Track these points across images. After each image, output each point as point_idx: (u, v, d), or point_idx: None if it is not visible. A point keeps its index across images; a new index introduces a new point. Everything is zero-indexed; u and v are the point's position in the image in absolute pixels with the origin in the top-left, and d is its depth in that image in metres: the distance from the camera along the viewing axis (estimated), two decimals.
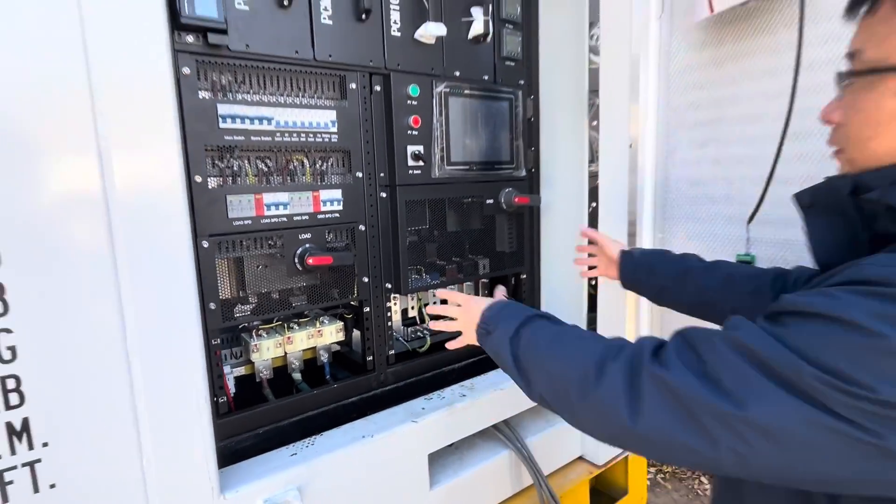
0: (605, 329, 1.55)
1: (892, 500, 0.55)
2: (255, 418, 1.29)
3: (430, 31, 1.42)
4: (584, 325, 1.64)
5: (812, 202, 0.68)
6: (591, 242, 1.42)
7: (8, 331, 0.79)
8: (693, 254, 1.16)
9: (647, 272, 1.21)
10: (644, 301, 1.42)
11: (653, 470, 3.33)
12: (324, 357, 1.47)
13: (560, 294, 1.79)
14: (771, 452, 0.54)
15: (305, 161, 1.32)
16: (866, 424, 0.50)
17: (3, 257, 0.78)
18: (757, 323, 0.60)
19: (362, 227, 1.41)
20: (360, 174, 1.39)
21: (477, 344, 0.99)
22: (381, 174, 1.43)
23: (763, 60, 1.09)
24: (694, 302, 1.13)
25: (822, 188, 0.68)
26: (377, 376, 1.51)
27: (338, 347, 1.53)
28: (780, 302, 0.59)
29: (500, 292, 1.23)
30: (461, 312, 1.03)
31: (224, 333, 1.38)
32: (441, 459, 1.50)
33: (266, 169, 1.27)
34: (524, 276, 1.83)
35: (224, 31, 1.12)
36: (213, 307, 1.17)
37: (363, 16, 1.33)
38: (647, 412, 0.62)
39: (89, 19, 0.83)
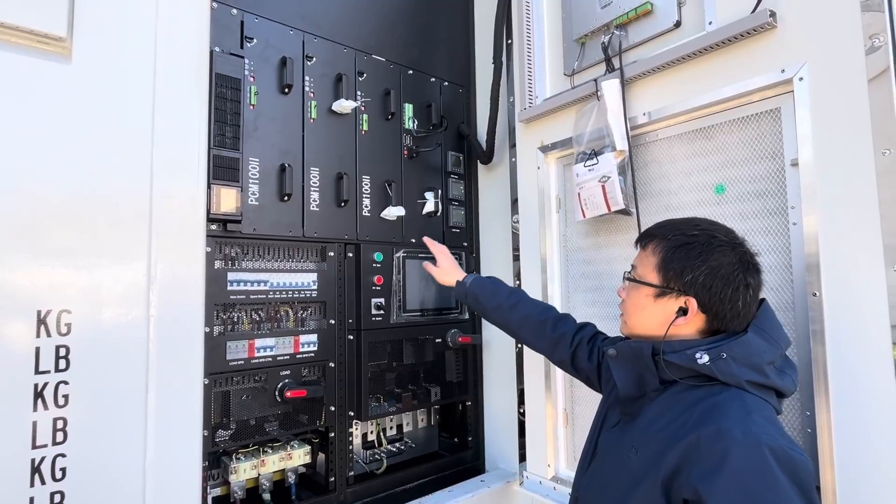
0: (532, 451, 1.84)
1: None
2: None
3: (393, 212, 1.89)
4: (515, 448, 1.93)
5: (617, 355, 1.06)
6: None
7: (63, 455, 1.05)
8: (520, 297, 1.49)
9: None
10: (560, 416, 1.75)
11: None
12: (291, 478, 1.69)
13: (499, 418, 2.10)
14: None
15: (290, 311, 1.68)
16: None
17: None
18: None
19: (332, 364, 1.73)
20: (332, 321, 1.74)
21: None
22: (350, 320, 1.79)
23: (621, 250, 1.58)
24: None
25: (624, 346, 1.06)
26: (338, 496, 1.72)
27: (303, 469, 1.75)
28: None
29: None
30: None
31: (209, 456, 1.61)
32: None
33: (258, 318, 1.61)
34: (469, 403, 2.14)
35: (239, 221, 1.53)
36: (205, 434, 1.43)
37: (342, 203, 1.78)
38: None
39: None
